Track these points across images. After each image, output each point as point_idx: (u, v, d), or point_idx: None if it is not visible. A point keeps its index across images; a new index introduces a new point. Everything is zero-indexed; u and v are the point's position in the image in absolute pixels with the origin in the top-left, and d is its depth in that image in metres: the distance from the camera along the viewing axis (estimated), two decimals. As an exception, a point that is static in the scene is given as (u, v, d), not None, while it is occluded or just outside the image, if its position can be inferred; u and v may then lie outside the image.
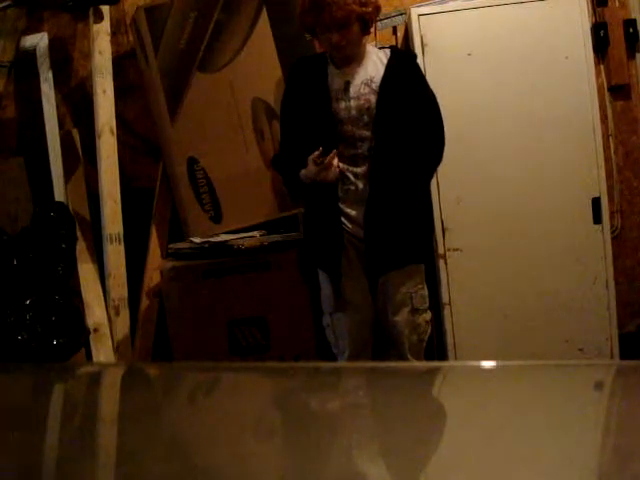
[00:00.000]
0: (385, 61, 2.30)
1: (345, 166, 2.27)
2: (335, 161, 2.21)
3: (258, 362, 2.50)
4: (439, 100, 2.38)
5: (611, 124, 3.21)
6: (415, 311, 2.33)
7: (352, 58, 2.29)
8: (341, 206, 2.29)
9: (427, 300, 2.38)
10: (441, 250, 2.87)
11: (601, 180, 2.84)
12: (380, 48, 2.42)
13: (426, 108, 2.33)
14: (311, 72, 2.33)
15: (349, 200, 2.30)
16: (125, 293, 2.88)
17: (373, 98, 2.26)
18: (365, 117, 2.26)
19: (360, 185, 2.28)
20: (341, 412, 0.92)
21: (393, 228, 2.29)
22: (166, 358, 2.84)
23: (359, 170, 2.28)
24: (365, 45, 2.34)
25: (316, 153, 2.19)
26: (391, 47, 2.46)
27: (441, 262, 2.87)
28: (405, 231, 2.30)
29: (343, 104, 2.27)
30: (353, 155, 2.28)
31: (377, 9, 2.30)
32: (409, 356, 2.33)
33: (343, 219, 2.30)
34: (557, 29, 2.82)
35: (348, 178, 2.28)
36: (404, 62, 2.35)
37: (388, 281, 2.31)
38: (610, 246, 2.87)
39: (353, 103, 2.26)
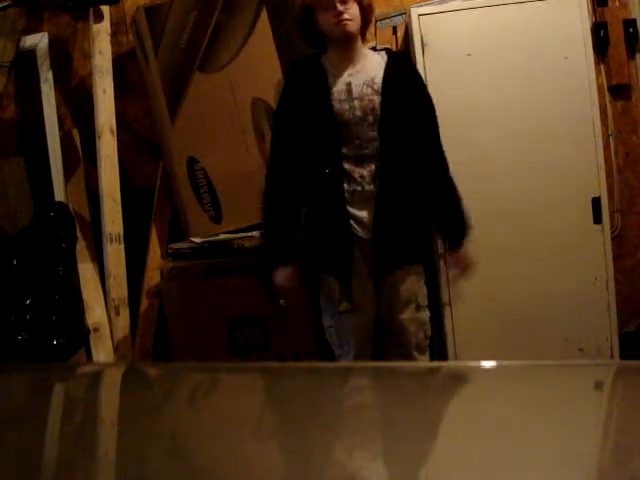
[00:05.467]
0: (383, 62, 2.33)
1: (351, 167, 2.28)
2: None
3: (258, 362, 2.50)
4: (439, 100, 2.41)
5: (611, 124, 3.21)
6: (419, 308, 2.35)
7: (352, 41, 2.30)
8: (349, 208, 2.30)
9: (426, 298, 2.40)
10: (441, 250, 2.86)
11: (601, 180, 2.84)
12: (375, 51, 2.45)
13: (427, 105, 2.37)
14: (309, 75, 2.33)
15: (356, 201, 2.29)
16: (125, 293, 2.88)
17: (377, 98, 2.27)
18: (370, 117, 2.27)
19: (366, 186, 2.28)
20: (341, 412, 0.92)
21: (401, 228, 2.30)
22: (166, 358, 2.84)
23: (365, 171, 2.28)
24: (362, 47, 2.38)
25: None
26: (385, 49, 2.49)
27: (441, 262, 2.87)
28: (412, 230, 2.31)
29: (347, 105, 2.27)
30: (358, 156, 2.28)
31: (372, 5, 2.36)
32: (415, 353, 2.33)
33: (351, 222, 2.30)
34: (557, 29, 2.82)
35: (354, 179, 2.29)
36: (401, 62, 2.41)
37: (394, 280, 2.31)
38: (610, 246, 2.87)
39: (357, 104, 2.27)
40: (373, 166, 2.28)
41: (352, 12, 2.25)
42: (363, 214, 2.30)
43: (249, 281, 2.77)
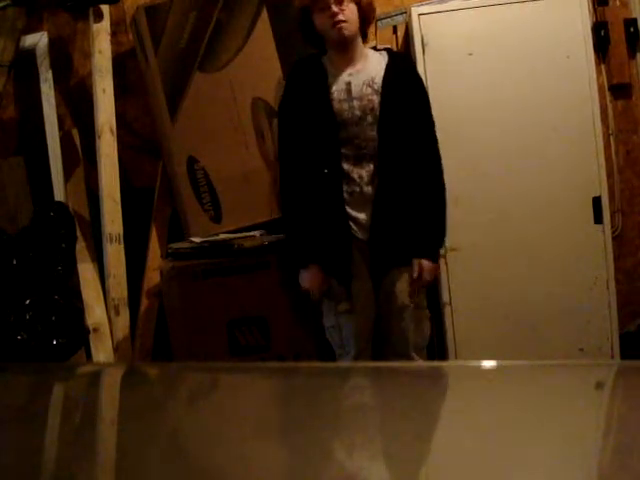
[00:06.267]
0: (383, 62, 2.33)
1: (350, 167, 2.28)
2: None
3: (258, 362, 2.50)
4: (439, 99, 2.41)
5: (612, 123, 3.21)
6: (418, 308, 2.35)
7: (350, 43, 2.30)
8: (348, 209, 2.30)
9: (425, 298, 2.42)
10: (441, 250, 2.86)
11: (602, 180, 2.84)
12: (376, 50, 2.46)
13: (425, 107, 2.37)
14: (310, 75, 2.34)
15: (355, 202, 2.30)
16: (125, 293, 2.88)
17: (376, 98, 2.27)
18: (369, 117, 2.27)
19: (364, 187, 2.29)
20: (341, 412, 0.92)
21: (399, 228, 2.30)
22: (166, 358, 2.84)
23: (364, 171, 2.29)
24: (363, 47, 2.38)
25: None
26: (386, 49, 2.50)
27: (441, 262, 2.86)
28: (410, 230, 2.31)
29: (346, 105, 2.28)
30: (357, 155, 2.29)
31: (372, 5, 2.37)
32: (413, 354, 2.34)
33: (350, 223, 2.30)
34: (558, 28, 2.82)
35: (353, 180, 2.29)
36: (401, 62, 2.42)
37: (392, 281, 2.32)
38: (611, 246, 2.87)
39: (356, 103, 2.27)
40: (372, 166, 2.28)
41: (348, 13, 2.25)
42: (361, 216, 2.30)
43: (249, 281, 2.77)
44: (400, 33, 3.11)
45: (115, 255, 2.86)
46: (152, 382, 1.17)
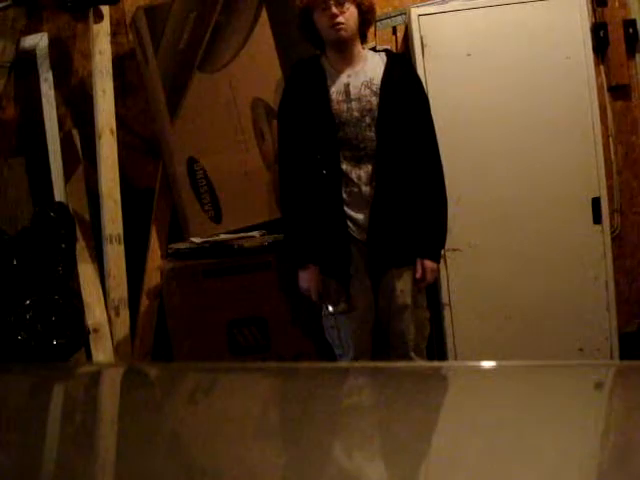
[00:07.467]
0: (382, 63, 2.34)
1: (349, 168, 2.29)
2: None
3: (258, 362, 2.50)
4: (439, 100, 2.41)
5: (611, 124, 3.21)
6: (417, 308, 2.35)
7: (348, 44, 2.31)
8: (346, 210, 2.30)
9: (425, 298, 2.42)
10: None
11: (601, 180, 2.84)
12: (375, 51, 2.47)
13: (424, 108, 2.38)
14: (309, 76, 2.35)
15: (354, 203, 2.31)
16: (125, 293, 2.88)
17: (374, 99, 2.28)
18: (367, 118, 2.28)
19: (363, 187, 2.30)
20: (341, 412, 0.92)
21: (398, 228, 2.30)
22: (166, 358, 2.84)
23: (362, 172, 2.29)
24: (362, 48, 2.39)
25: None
26: (385, 50, 2.50)
27: (441, 262, 2.86)
28: (409, 230, 2.31)
29: (344, 106, 2.28)
30: (356, 156, 2.29)
31: (373, 7, 2.37)
32: (412, 354, 2.34)
33: (348, 223, 2.31)
34: (557, 29, 2.82)
35: (352, 180, 2.30)
36: (401, 64, 2.42)
37: (391, 281, 2.32)
38: (610, 246, 2.87)
39: (354, 105, 2.28)
40: (370, 167, 2.29)
41: (348, 15, 2.25)
42: (359, 216, 2.31)
43: (249, 281, 2.77)
44: (399, 34, 3.11)
45: (115, 255, 2.86)
46: (152, 382, 1.17)
